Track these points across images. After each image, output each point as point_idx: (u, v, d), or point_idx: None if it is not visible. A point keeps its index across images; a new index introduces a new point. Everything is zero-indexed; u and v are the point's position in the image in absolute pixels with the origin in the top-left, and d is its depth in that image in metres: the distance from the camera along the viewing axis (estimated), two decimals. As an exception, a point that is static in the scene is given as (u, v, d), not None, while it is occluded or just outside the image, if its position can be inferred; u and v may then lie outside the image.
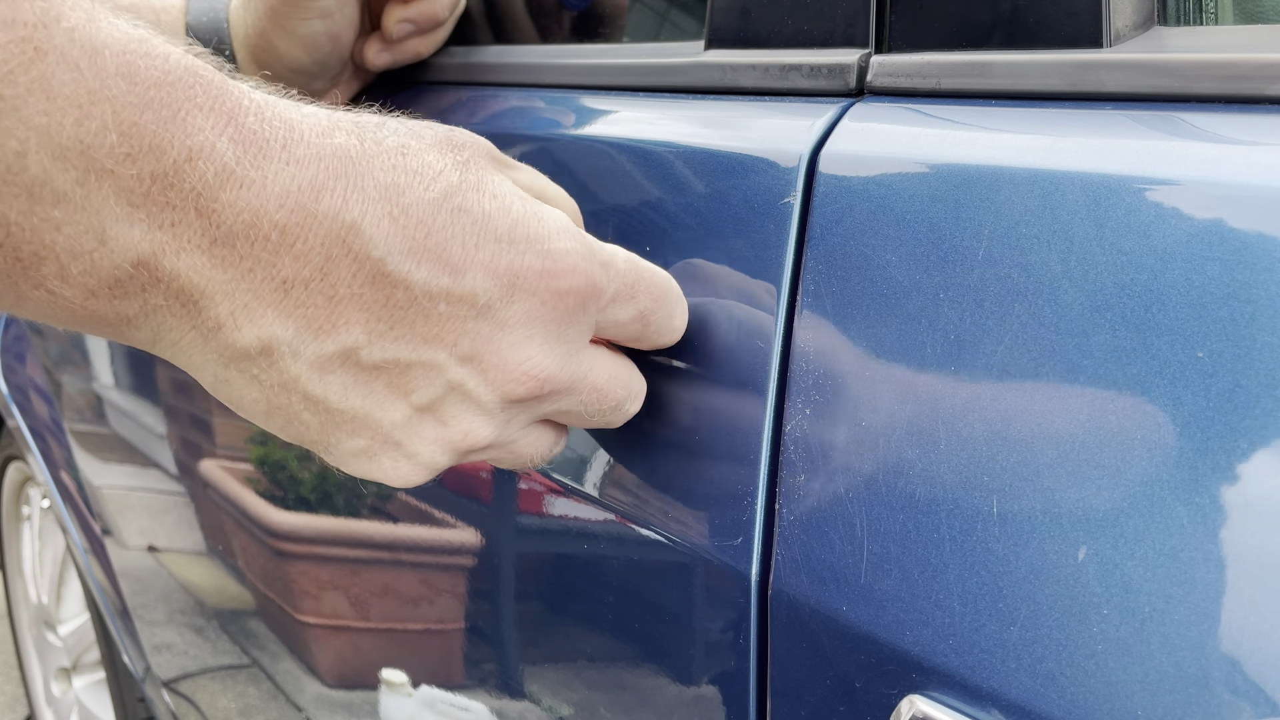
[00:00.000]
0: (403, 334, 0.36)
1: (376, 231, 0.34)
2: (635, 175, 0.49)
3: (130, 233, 0.31)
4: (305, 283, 0.34)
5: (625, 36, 0.72)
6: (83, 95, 0.29)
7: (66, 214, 0.30)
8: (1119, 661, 0.31)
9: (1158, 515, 0.31)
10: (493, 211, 0.37)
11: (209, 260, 0.32)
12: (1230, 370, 0.30)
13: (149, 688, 1.21)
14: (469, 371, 0.37)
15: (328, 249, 0.34)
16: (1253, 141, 0.33)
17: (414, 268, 0.35)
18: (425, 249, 0.35)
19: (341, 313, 0.35)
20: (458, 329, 0.37)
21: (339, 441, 0.38)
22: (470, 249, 0.36)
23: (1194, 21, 0.41)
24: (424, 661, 0.67)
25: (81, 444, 1.28)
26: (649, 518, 0.46)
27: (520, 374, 0.38)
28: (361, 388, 0.36)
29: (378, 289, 0.35)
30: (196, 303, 0.33)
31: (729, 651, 0.43)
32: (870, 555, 0.37)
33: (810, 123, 0.43)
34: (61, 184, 0.30)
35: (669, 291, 0.42)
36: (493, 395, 0.38)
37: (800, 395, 0.40)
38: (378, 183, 0.35)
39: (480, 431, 0.39)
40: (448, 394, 0.37)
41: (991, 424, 0.35)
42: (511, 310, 0.37)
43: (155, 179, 0.31)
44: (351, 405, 0.37)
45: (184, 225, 0.32)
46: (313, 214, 0.33)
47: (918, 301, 0.37)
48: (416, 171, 0.36)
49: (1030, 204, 0.35)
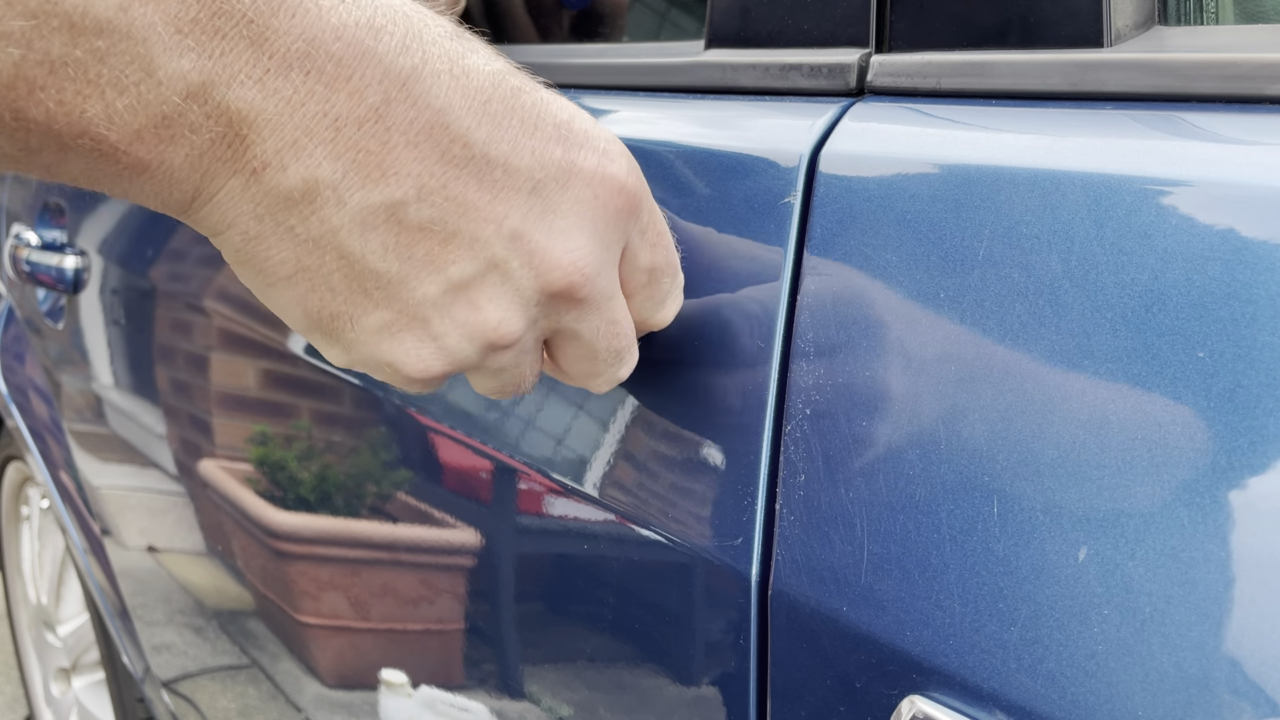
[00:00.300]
0: (454, 195, 0.34)
1: (437, 83, 0.33)
2: (635, 175, 0.49)
3: (179, 63, 0.30)
4: (359, 122, 0.32)
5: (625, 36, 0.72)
6: None
7: (110, 43, 0.29)
8: (1120, 662, 0.30)
9: (1158, 515, 0.31)
10: (551, 101, 0.36)
11: (260, 92, 0.31)
12: (1231, 370, 0.30)
13: (148, 688, 1.21)
14: (513, 250, 0.35)
15: (386, 89, 0.32)
16: (1253, 141, 0.33)
17: (475, 125, 0.34)
18: (485, 114, 0.34)
19: (395, 160, 0.33)
20: (508, 202, 0.35)
21: (363, 313, 0.36)
22: (530, 127, 0.35)
23: (1194, 21, 0.41)
24: (424, 662, 0.67)
25: (81, 444, 1.27)
26: (649, 518, 0.46)
27: (567, 263, 0.36)
28: (402, 250, 0.34)
29: (435, 140, 0.33)
30: (244, 138, 0.32)
31: (729, 652, 0.43)
32: (870, 555, 0.37)
33: (811, 122, 0.43)
34: (103, 9, 0.28)
35: (677, 272, 0.42)
36: (533, 282, 0.36)
37: (800, 395, 0.40)
38: (438, 42, 0.34)
39: (512, 324, 0.37)
40: (488, 272, 0.36)
41: (992, 424, 0.34)
42: (565, 195, 0.36)
43: (203, 4, 0.30)
44: (387, 268, 0.35)
45: (235, 55, 0.30)
46: (371, 50, 0.32)
47: (918, 301, 0.37)
48: (474, 48, 0.35)
49: (1031, 204, 0.35)
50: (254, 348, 0.82)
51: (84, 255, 1.19)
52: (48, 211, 1.31)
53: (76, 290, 1.21)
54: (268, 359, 0.80)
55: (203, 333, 0.90)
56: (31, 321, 1.44)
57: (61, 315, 1.29)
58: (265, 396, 0.83)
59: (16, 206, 1.44)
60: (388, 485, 0.67)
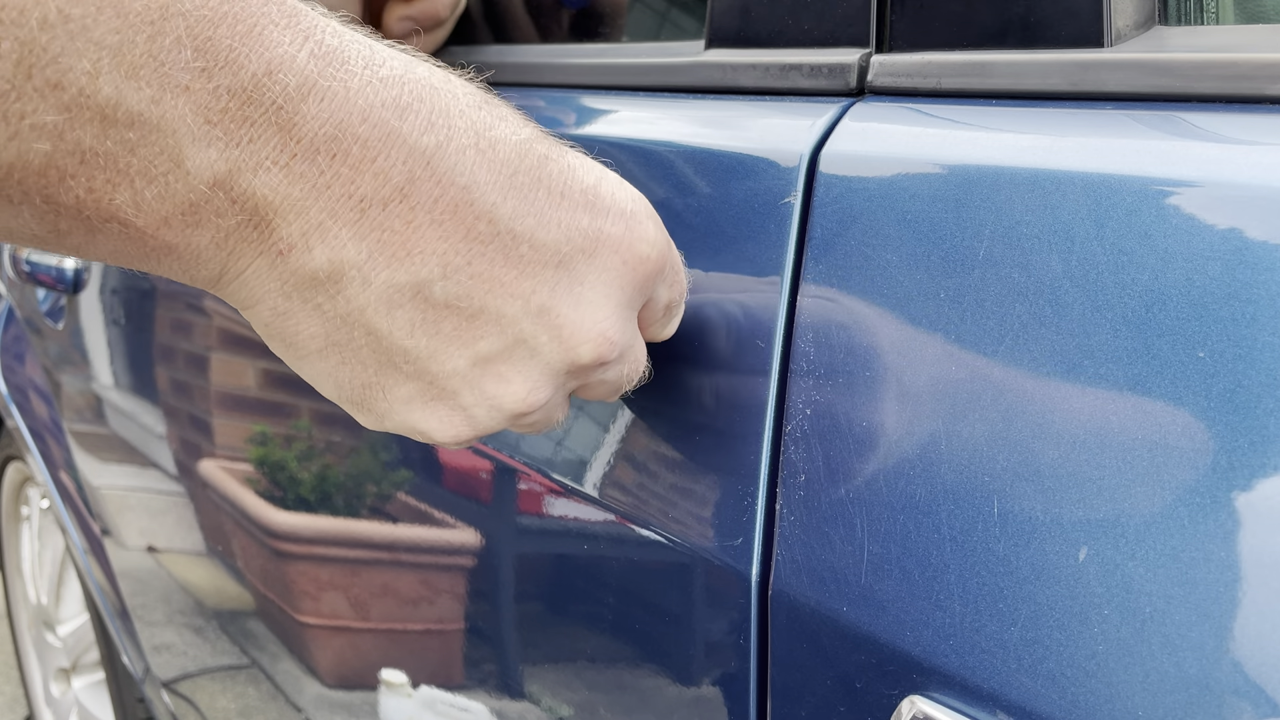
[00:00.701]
0: (480, 271, 0.34)
1: (463, 159, 0.33)
2: (636, 175, 0.49)
3: (207, 153, 0.30)
4: (384, 202, 0.32)
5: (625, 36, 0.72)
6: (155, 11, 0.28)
7: (141, 135, 0.29)
8: (1120, 662, 0.30)
9: (1158, 516, 0.31)
10: (577, 166, 0.36)
11: (286, 177, 0.31)
12: (1231, 370, 0.30)
13: (148, 688, 1.21)
14: (541, 325, 0.36)
15: (410, 169, 0.32)
16: (1253, 141, 0.33)
17: (501, 200, 0.34)
18: (511, 187, 0.34)
19: (419, 240, 0.33)
20: (535, 276, 0.35)
21: (393, 385, 0.36)
22: (556, 197, 0.35)
23: (1195, 21, 0.41)
24: (424, 662, 0.67)
25: (81, 444, 1.27)
26: (649, 518, 0.46)
27: (595, 334, 0.36)
28: (429, 326, 0.35)
29: (460, 218, 0.33)
30: (270, 222, 0.32)
31: (729, 652, 0.43)
32: (870, 556, 0.37)
33: (811, 122, 0.43)
34: (135, 103, 0.29)
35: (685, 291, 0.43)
36: (561, 356, 0.36)
37: (800, 395, 0.40)
38: (464, 114, 0.34)
39: (540, 393, 0.37)
40: (515, 347, 0.36)
41: (992, 424, 0.34)
42: (593, 266, 0.36)
43: (233, 94, 0.30)
44: (415, 344, 0.35)
45: (262, 141, 0.31)
46: (396, 130, 0.32)
47: (918, 301, 0.37)
48: (501, 116, 0.35)
49: (1031, 204, 0.35)
50: (254, 348, 0.82)
51: (84, 255, 1.18)
52: (48, 211, 1.31)
53: (76, 290, 1.21)
54: (268, 359, 0.80)
55: (203, 333, 0.90)
56: (31, 321, 1.44)
57: (61, 315, 1.29)
58: (265, 396, 0.83)
59: (16, 206, 1.44)
60: (388, 485, 0.67)
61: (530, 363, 0.36)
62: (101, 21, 0.28)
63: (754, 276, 0.43)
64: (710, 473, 0.43)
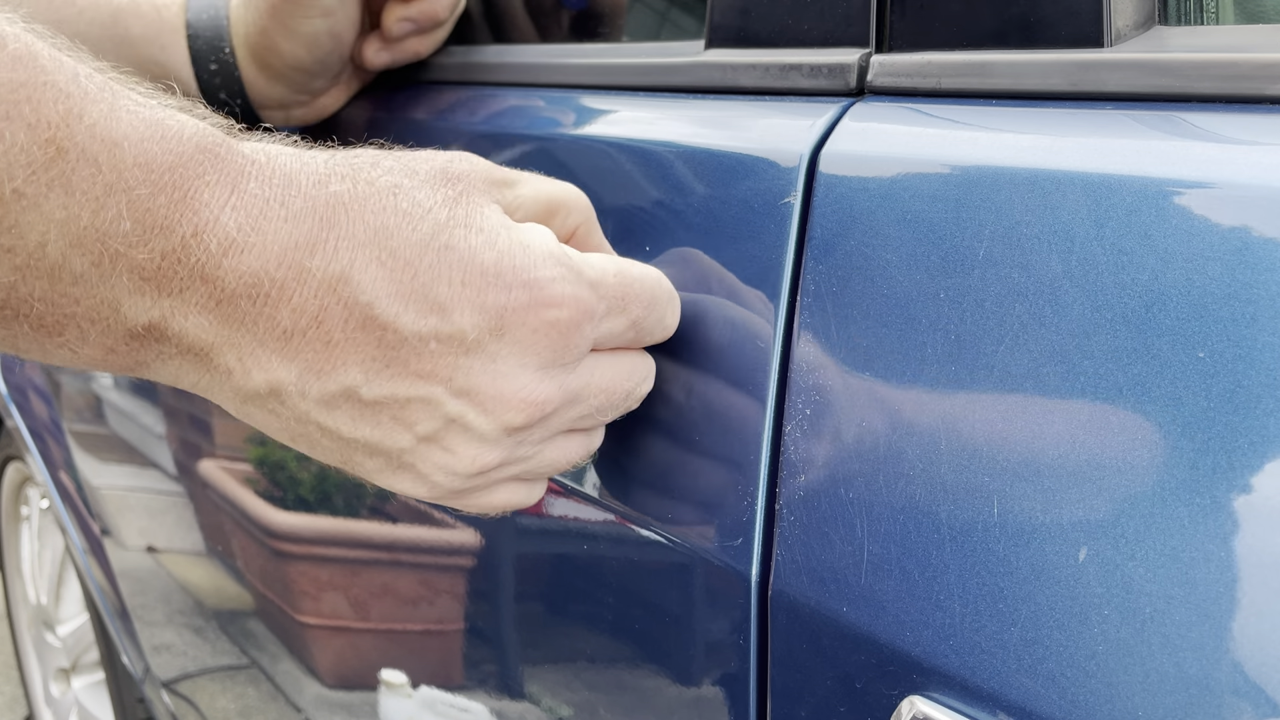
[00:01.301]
0: (397, 372, 0.38)
1: (365, 278, 0.36)
2: (635, 175, 0.49)
3: (142, 302, 0.34)
4: (303, 331, 0.36)
5: (625, 36, 0.72)
6: (99, 189, 0.32)
7: (84, 291, 0.33)
8: (1120, 662, 0.30)
9: (1159, 516, 0.31)
10: (478, 246, 0.38)
11: (214, 319, 0.35)
12: (1231, 370, 0.30)
13: (148, 688, 1.21)
14: (465, 404, 0.39)
15: (321, 300, 0.36)
16: (1253, 141, 0.33)
17: (401, 310, 0.37)
18: (412, 290, 0.37)
19: (338, 356, 0.37)
20: (451, 364, 0.38)
21: (360, 461, 0.40)
22: (456, 286, 0.37)
23: (1195, 21, 0.41)
24: (424, 662, 0.67)
25: (80, 444, 1.27)
26: (649, 518, 0.46)
27: (517, 402, 0.39)
28: (368, 420, 0.39)
29: (369, 333, 0.37)
30: (206, 354, 0.36)
31: (729, 652, 0.43)
32: (870, 556, 0.37)
33: (810, 122, 0.43)
34: (78, 267, 0.33)
35: (658, 294, 0.43)
36: (492, 425, 0.39)
37: (800, 395, 0.40)
38: (368, 227, 0.37)
39: (486, 457, 0.40)
40: (448, 425, 0.39)
41: (992, 424, 0.34)
42: (502, 343, 0.38)
43: (165, 256, 0.34)
44: (362, 434, 0.39)
45: (191, 291, 0.34)
46: (307, 269, 0.35)
47: (918, 301, 0.37)
48: (406, 212, 0.37)
49: (1031, 204, 0.35)
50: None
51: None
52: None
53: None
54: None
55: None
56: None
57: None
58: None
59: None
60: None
61: (467, 434, 0.40)
62: (51, 199, 0.31)
63: (753, 276, 0.43)
64: (710, 473, 0.43)
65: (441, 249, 0.38)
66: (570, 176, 0.52)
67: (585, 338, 0.40)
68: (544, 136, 0.55)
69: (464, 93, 0.65)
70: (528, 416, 0.40)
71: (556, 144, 0.54)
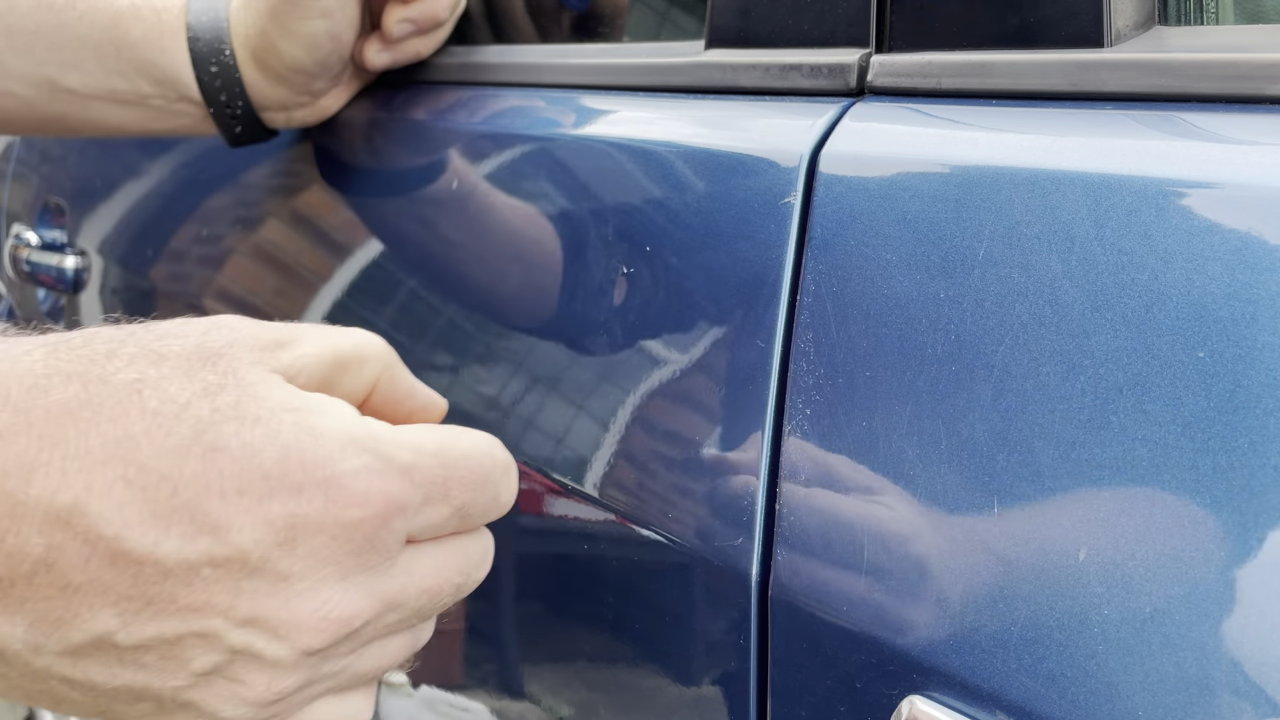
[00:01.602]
0: (162, 609, 0.31)
1: (106, 505, 0.30)
2: (635, 175, 0.49)
3: None
4: (27, 578, 0.29)
5: (625, 36, 0.72)
6: None
7: None
8: (1120, 662, 0.30)
9: (1159, 516, 0.31)
10: (256, 442, 0.31)
11: None
12: (1231, 370, 0.30)
13: (148, 688, 1.21)
14: (253, 634, 0.32)
15: (48, 537, 0.29)
16: (1253, 141, 0.33)
17: (161, 538, 0.30)
18: (173, 510, 0.30)
19: (82, 601, 0.30)
20: (231, 591, 0.31)
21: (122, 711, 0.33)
22: (232, 497, 0.31)
23: (1195, 21, 0.41)
24: (424, 662, 0.67)
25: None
26: (649, 518, 0.46)
27: (315, 621, 0.33)
28: (130, 666, 0.32)
29: (120, 570, 0.30)
30: None
31: (729, 652, 0.43)
32: (870, 556, 0.37)
33: (811, 122, 0.43)
34: None
35: (489, 471, 0.37)
36: (288, 650, 0.33)
37: (800, 395, 0.40)
38: (105, 440, 0.30)
39: (282, 683, 0.33)
40: (235, 657, 0.32)
41: (992, 424, 0.34)
42: (294, 558, 0.32)
43: None
44: (123, 683, 0.32)
45: None
46: (23, 502, 0.29)
47: (918, 301, 0.37)
48: (155, 412, 0.31)
49: (1031, 204, 0.35)
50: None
51: (84, 255, 1.19)
52: (48, 211, 1.31)
53: (76, 290, 1.21)
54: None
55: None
56: (31, 322, 1.44)
57: (62, 315, 1.29)
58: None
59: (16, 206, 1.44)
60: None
61: (258, 662, 0.33)
62: None
63: (754, 276, 0.43)
64: (710, 473, 0.43)
65: (208, 451, 0.31)
66: (571, 177, 0.52)
67: (396, 535, 0.34)
68: (544, 137, 0.55)
69: (464, 93, 0.65)
70: (330, 637, 0.33)
71: (557, 144, 0.54)
